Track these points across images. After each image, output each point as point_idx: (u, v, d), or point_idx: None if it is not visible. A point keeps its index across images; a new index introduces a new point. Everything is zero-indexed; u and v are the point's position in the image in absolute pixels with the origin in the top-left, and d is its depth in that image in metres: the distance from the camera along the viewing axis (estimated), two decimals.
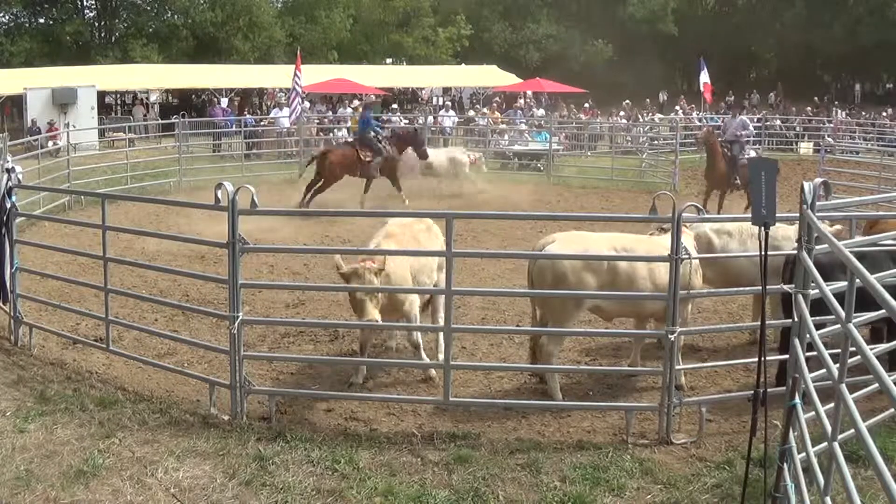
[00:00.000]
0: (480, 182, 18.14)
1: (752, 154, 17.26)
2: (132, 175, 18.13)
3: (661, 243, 6.45)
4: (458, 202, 16.08)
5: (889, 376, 2.98)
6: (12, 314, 7.69)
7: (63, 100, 25.93)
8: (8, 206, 7.53)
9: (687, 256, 5.88)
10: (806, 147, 26.48)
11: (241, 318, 6.04)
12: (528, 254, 7.15)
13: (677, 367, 6.04)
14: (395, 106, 28.77)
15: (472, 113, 27.14)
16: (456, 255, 6.07)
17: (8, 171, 7.58)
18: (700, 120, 27.84)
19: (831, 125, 27.46)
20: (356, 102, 25.68)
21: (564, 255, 6.33)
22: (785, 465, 4.36)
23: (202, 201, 7.07)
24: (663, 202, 5.93)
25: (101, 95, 30.42)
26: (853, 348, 3.49)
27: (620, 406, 6.26)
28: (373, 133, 16.41)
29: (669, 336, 5.72)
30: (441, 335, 6.94)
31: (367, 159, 16.00)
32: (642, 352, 7.25)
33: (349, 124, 23.72)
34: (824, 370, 4.16)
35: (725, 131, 16.50)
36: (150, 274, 9.84)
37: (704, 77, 25.01)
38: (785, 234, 7.21)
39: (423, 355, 6.99)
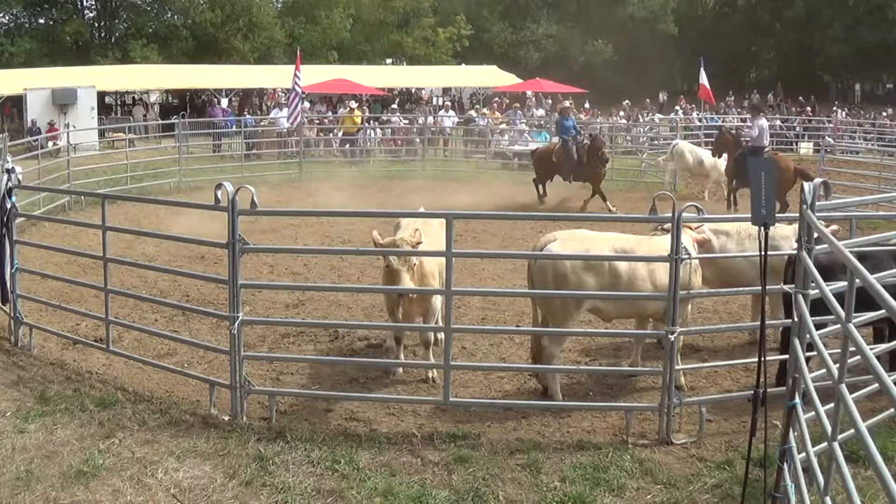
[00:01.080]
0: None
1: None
2: (132, 175, 18.13)
3: (660, 244, 6.45)
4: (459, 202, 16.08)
5: (889, 376, 2.98)
6: (12, 315, 7.68)
7: (63, 100, 25.90)
8: (8, 206, 7.53)
9: (687, 256, 5.88)
10: (806, 147, 26.47)
11: (241, 318, 6.04)
12: (528, 254, 7.15)
13: (677, 368, 6.04)
14: (394, 106, 28.76)
15: (472, 113, 27.10)
16: (456, 256, 6.06)
17: (8, 171, 7.58)
18: (700, 120, 27.82)
19: (831, 125, 27.46)
20: (353, 104, 25.62)
21: (564, 256, 6.33)
22: (785, 465, 4.36)
23: (202, 201, 7.07)
24: (663, 202, 5.93)
25: (101, 96, 30.40)
26: (853, 348, 3.49)
27: (620, 406, 6.25)
28: (568, 137, 16.67)
29: (669, 336, 5.72)
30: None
31: (557, 161, 16.43)
32: (642, 352, 7.25)
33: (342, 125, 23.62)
34: (824, 370, 4.16)
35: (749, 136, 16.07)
36: (150, 274, 9.84)
37: (702, 78, 24.98)
38: (783, 234, 7.21)
39: (431, 356, 6.99)
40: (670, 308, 5.72)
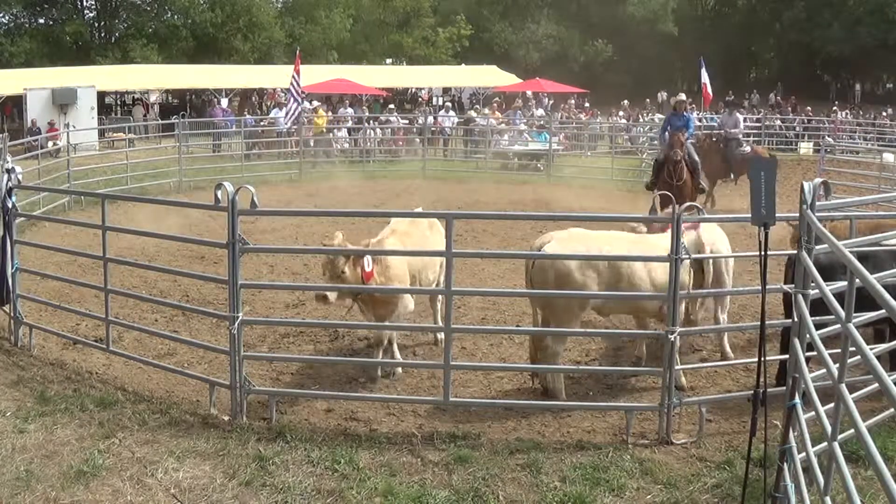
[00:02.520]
0: None
1: (747, 149, 17.40)
2: (132, 175, 18.12)
3: (657, 242, 6.45)
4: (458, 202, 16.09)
5: (889, 376, 2.98)
6: (12, 315, 7.68)
7: (63, 100, 25.90)
8: (8, 206, 7.53)
9: (687, 256, 5.88)
10: (806, 147, 26.47)
11: (241, 318, 6.04)
12: (528, 254, 7.14)
13: (677, 368, 6.04)
14: (392, 106, 28.75)
15: (472, 113, 27.08)
16: (456, 256, 6.07)
17: (8, 171, 7.58)
18: (700, 120, 27.81)
19: (831, 125, 27.44)
20: (316, 103, 25.40)
21: (565, 256, 6.33)
22: (785, 465, 4.36)
23: (202, 201, 7.06)
24: (663, 202, 5.94)
25: (101, 96, 30.41)
26: (853, 348, 3.49)
27: (620, 406, 6.25)
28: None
29: (669, 336, 5.72)
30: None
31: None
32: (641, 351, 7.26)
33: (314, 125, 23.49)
34: (824, 370, 4.16)
35: (724, 128, 17.02)
36: (150, 274, 9.84)
37: (704, 78, 24.99)
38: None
39: (397, 353, 7.15)
40: (670, 308, 5.72)
